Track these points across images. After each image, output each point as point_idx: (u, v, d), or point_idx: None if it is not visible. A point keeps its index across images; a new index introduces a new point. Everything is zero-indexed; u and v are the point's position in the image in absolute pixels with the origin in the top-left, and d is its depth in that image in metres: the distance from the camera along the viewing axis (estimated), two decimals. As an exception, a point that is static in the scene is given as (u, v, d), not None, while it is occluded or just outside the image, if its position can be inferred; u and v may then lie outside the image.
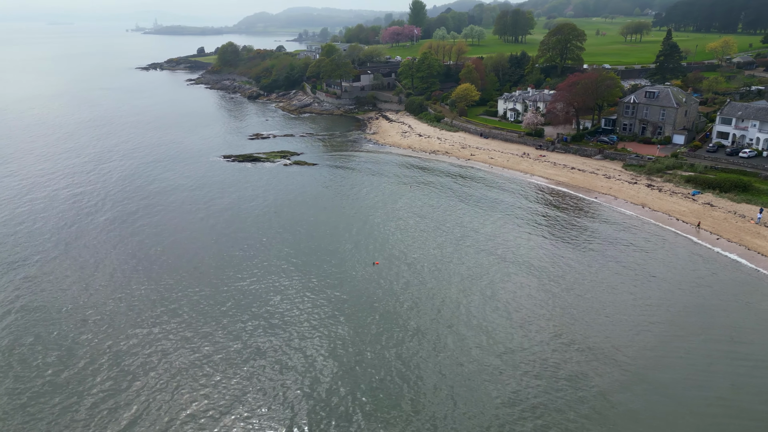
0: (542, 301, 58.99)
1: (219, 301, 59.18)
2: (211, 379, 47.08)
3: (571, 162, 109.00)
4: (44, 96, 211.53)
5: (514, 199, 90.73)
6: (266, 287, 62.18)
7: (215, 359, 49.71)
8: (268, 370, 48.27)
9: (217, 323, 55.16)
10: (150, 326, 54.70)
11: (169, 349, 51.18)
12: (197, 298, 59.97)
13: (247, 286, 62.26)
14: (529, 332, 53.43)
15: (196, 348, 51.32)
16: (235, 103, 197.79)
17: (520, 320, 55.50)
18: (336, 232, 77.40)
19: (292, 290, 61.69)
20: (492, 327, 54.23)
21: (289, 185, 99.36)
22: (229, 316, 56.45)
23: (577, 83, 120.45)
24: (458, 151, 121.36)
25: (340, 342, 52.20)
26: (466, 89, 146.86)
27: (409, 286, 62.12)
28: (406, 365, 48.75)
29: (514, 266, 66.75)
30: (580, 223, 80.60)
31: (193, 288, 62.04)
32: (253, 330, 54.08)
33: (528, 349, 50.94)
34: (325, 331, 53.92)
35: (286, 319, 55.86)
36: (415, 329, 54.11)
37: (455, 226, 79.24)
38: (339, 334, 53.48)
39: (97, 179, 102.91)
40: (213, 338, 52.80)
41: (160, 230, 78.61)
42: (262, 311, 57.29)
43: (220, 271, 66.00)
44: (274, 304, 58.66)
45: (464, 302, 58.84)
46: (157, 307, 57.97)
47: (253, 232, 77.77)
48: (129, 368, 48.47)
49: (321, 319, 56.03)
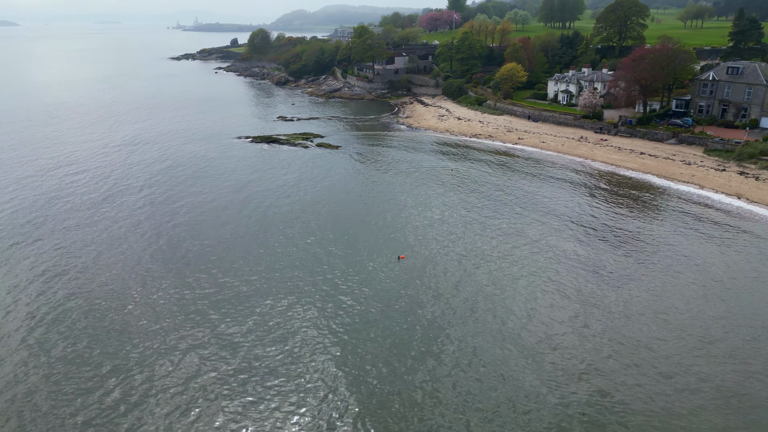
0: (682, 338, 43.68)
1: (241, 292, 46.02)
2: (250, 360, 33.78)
3: (639, 147, 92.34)
4: (72, 81, 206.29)
5: (575, 188, 75.07)
6: (270, 286, 48.67)
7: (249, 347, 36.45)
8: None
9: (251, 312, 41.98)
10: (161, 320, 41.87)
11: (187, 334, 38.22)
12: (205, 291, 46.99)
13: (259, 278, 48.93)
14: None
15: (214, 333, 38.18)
16: (262, 89, 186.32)
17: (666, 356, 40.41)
18: (355, 222, 63.45)
19: (301, 291, 47.99)
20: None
21: (309, 168, 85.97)
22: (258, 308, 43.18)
23: (645, 57, 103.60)
24: (503, 135, 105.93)
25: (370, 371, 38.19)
26: (512, 69, 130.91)
27: (458, 290, 47.66)
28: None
29: (593, 274, 51.43)
30: (669, 220, 64.49)
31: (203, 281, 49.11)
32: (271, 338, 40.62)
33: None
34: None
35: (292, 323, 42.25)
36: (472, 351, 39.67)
37: (508, 218, 64.26)
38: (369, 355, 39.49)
39: (91, 157, 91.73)
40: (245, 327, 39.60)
41: (146, 214, 66.17)
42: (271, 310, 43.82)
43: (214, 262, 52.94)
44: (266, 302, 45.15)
45: (541, 318, 44.02)
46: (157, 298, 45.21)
47: (261, 219, 64.55)
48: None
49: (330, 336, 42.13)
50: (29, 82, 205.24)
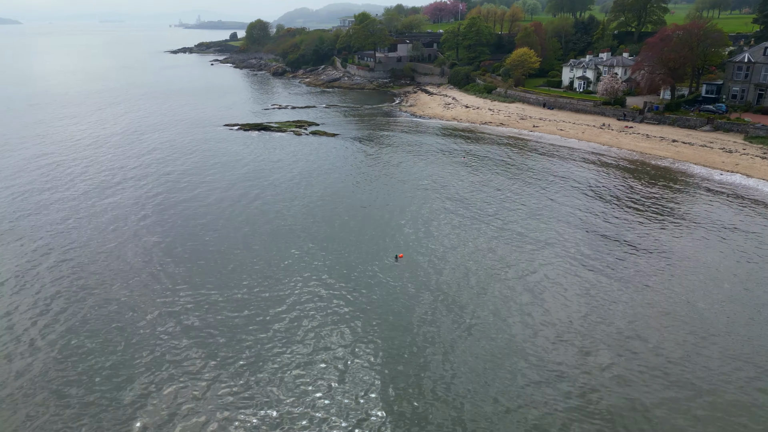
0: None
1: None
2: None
3: (670, 134, 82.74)
4: (65, 72, 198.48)
5: (604, 176, 65.55)
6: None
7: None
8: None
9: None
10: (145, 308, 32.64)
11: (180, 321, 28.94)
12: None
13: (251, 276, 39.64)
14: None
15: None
16: (257, 80, 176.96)
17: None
18: (350, 216, 54.18)
19: (289, 289, 38.67)
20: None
21: (303, 156, 76.67)
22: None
23: (672, 37, 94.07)
24: (517, 123, 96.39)
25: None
26: (523, 54, 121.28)
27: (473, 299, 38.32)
28: None
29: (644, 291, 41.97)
30: (721, 215, 55.02)
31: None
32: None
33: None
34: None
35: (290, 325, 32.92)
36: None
37: (527, 215, 54.86)
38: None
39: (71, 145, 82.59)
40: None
41: (113, 204, 56.94)
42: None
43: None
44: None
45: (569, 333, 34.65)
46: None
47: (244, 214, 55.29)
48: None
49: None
50: (18, 72, 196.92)
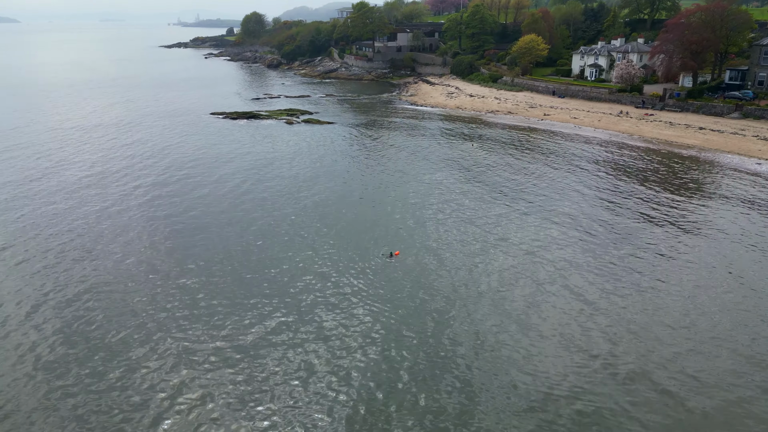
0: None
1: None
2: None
3: (695, 121, 75.66)
4: (53, 63, 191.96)
5: (627, 166, 58.49)
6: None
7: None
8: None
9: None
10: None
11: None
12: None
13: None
14: None
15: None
16: (250, 71, 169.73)
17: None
18: (343, 208, 47.14)
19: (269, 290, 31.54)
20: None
21: (293, 145, 69.53)
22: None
23: (692, 17, 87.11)
24: (526, 111, 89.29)
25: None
26: (531, 41, 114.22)
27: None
28: None
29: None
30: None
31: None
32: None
33: None
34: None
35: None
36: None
37: (547, 209, 47.79)
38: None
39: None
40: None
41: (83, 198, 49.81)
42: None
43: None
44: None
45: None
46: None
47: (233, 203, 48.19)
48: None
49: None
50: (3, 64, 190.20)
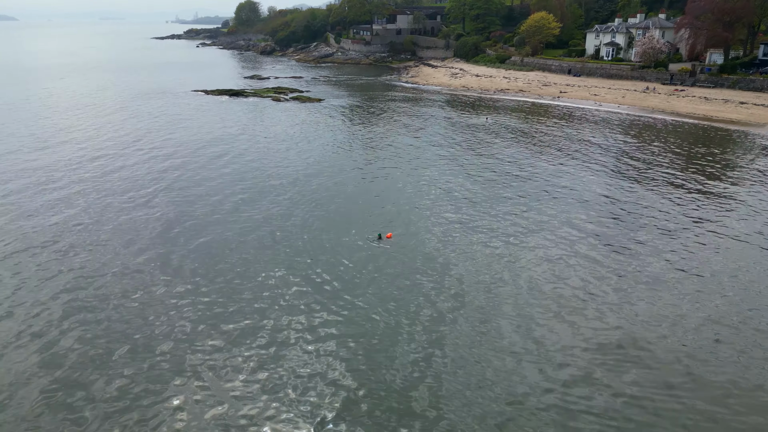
0: None
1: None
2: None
3: (733, 96, 67.27)
4: (36, 50, 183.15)
5: (669, 145, 50.03)
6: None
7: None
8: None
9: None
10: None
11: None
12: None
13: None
14: None
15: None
16: (242, 58, 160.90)
17: None
18: (333, 185, 38.62)
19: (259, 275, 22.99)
20: None
21: (280, 121, 60.95)
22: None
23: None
24: (539, 90, 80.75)
25: None
26: (541, 19, 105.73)
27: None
28: None
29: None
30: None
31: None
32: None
33: None
34: None
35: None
36: None
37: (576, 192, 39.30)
38: None
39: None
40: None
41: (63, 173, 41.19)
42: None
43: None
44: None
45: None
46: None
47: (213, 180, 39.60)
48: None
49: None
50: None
